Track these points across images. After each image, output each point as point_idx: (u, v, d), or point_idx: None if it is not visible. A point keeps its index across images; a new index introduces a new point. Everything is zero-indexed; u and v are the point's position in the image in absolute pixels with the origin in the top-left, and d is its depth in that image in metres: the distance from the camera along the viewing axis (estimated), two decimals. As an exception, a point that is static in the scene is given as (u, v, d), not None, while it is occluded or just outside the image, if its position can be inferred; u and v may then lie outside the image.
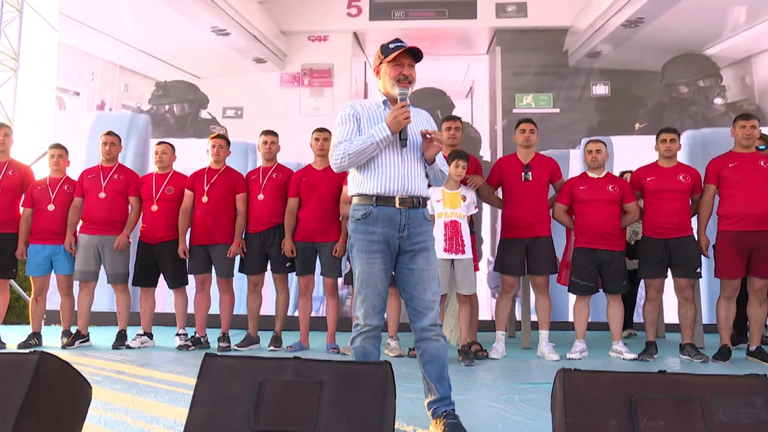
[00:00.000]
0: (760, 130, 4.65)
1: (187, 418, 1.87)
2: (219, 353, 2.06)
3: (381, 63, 2.67)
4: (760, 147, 4.82)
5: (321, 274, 5.02)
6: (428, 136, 2.62)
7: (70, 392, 2.02)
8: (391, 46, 2.64)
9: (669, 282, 4.72)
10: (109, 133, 5.36)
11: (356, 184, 2.63)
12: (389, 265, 2.61)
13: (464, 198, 4.48)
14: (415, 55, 2.64)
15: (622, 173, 5.56)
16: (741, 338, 5.09)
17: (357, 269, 2.60)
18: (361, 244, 2.58)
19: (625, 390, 1.86)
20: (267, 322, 5.29)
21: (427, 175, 2.72)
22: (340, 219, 4.97)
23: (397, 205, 2.56)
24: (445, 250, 4.37)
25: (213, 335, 5.21)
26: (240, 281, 5.27)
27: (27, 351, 1.96)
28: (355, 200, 2.64)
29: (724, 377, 1.90)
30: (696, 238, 4.63)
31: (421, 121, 2.72)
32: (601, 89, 6.97)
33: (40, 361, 1.90)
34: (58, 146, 5.45)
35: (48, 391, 1.90)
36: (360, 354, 2.62)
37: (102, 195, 5.16)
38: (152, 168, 5.47)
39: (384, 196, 2.57)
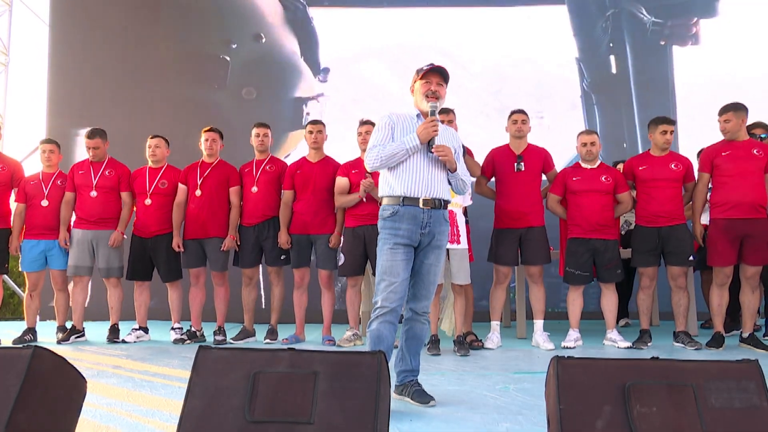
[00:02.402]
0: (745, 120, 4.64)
1: (182, 411, 1.87)
2: (214, 346, 2.06)
3: (415, 81, 3.04)
4: (762, 135, 4.83)
5: (316, 266, 5.02)
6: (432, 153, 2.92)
7: (65, 387, 2.01)
8: (425, 67, 3.00)
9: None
10: (90, 135, 5.22)
11: (387, 187, 2.96)
12: (410, 257, 2.91)
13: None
14: (442, 72, 2.99)
15: (615, 163, 5.56)
16: (733, 325, 5.13)
17: (381, 259, 2.90)
18: (387, 237, 2.90)
19: (618, 377, 1.87)
20: (263, 315, 5.29)
21: (450, 182, 3.04)
22: (335, 211, 4.97)
23: (420, 206, 2.88)
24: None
25: (208, 329, 5.21)
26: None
27: (21, 346, 1.96)
28: (384, 201, 2.96)
29: (716, 363, 1.91)
30: (689, 226, 4.65)
31: (448, 136, 3.06)
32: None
33: (34, 356, 1.90)
34: (49, 141, 5.42)
35: (42, 386, 1.90)
36: (375, 337, 2.84)
37: (93, 193, 5.13)
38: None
39: (410, 197, 2.89)
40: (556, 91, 7.15)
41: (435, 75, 2.99)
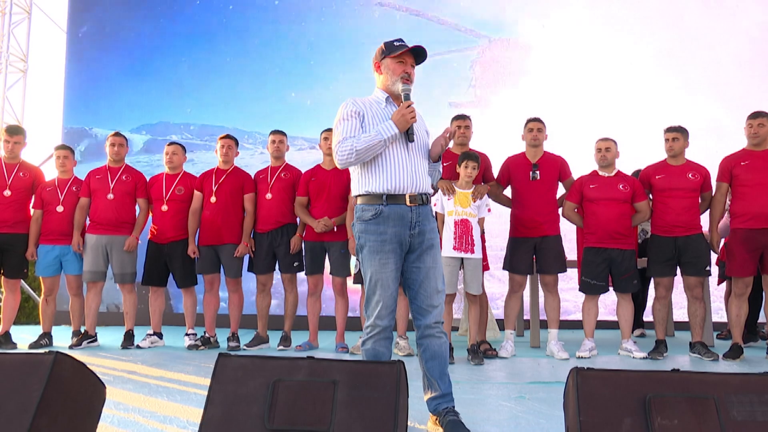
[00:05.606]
0: None
1: (202, 418, 1.88)
2: (233, 353, 2.07)
3: (384, 58, 2.67)
4: None
5: (330, 273, 5.02)
6: (447, 135, 2.66)
7: (85, 392, 2.03)
8: (396, 43, 2.66)
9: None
10: (117, 134, 5.37)
11: (363, 183, 2.60)
12: (400, 264, 2.57)
13: (475, 198, 4.46)
14: (419, 54, 2.66)
15: (634, 172, 5.52)
16: (751, 337, 5.07)
17: (369, 270, 2.55)
18: (372, 245, 2.53)
19: (638, 389, 1.86)
20: (276, 322, 5.30)
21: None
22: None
23: (407, 203, 2.54)
24: (454, 248, 4.36)
25: (222, 335, 5.22)
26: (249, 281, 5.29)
27: (42, 351, 1.97)
28: (361, 200, 2.60)
29: (738, 375, 1.89)
30: (705, 236, 4.62)
31: (421, 124, 2.74)
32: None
33: (56, 361, 1.91)
34: (63, 147, 5.46)
35: (64, 391, 1.91)
36: (371, 356, 2.57)
37: (110, 196, 5.17)
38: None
39: (394, 194, 2.54)
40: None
41: (410, 56, 2.65)
